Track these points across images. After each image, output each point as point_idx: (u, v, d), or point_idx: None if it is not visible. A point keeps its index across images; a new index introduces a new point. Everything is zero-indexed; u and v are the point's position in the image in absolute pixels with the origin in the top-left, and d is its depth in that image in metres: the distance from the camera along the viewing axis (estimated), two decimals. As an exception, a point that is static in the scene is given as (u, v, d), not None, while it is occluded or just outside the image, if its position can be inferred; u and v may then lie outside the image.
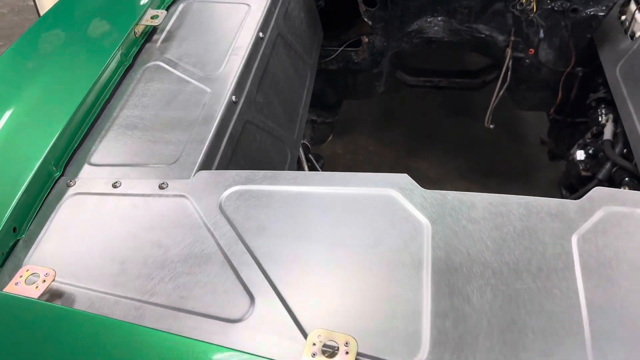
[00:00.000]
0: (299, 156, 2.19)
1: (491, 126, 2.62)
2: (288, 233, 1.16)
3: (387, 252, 1.11)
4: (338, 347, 0.93)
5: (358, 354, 0.94)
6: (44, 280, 1.10)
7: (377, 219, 1.16)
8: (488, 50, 2.68)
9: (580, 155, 2.25)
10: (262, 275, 1.09)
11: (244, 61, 1.69)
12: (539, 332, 0.96)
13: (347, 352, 0.93)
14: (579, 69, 2.47)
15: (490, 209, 1.14)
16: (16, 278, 1.12)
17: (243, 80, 1.66)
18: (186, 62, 1.70)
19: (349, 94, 3.09)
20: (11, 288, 1.10)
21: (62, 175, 1.38)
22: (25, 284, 1.11)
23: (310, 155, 2.45)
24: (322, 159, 2.74)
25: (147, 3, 1.85)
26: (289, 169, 1.95)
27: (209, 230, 1.19)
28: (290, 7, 2.17)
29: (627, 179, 2.01)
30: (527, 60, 2.54)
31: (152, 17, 1.80)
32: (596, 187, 1.16)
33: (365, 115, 4.07)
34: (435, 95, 4.00)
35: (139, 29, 1.77)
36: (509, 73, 2.50)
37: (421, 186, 1.22)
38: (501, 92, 2.50)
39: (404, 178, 1.23)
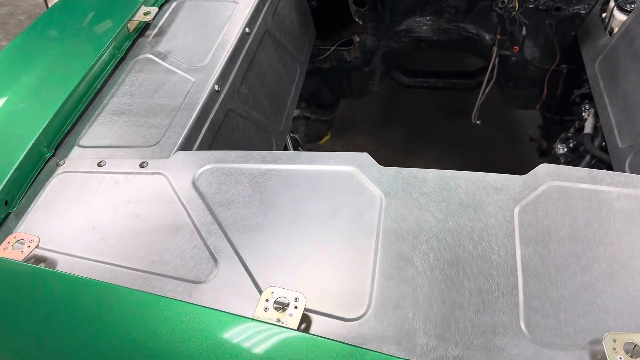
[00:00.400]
0: (286, 148, 2.28)
1: (478, 122, 2.69)
2: (253, 206, 1.25)
3: (342, 222, 1.19)
4: (288, 303, 1.02)
5: (306, 309, 1.02)
6: (29, 246, 1.21)
7: (336, 193, 1.25)
8: (476, 48, 2.75)
9: (561, 149, 2.32)
10: (227, 242, 1.18)
11: (228, 54, 1.79)
12: (476, 292, 1.03)
13: (296, 307, 1.01)
14: (564, 66, 2.53)
15: (441, 183, 1.22)
16: (4, 244, 1.22)
17: (227, 71, 1.76)
18: (174, 55, 1.80)
19: (344, 93, 3.18)
20: (-1, 252, 1.21)
21: (53, 155, 1.48)
22: (12, 249, 1.22)
23: (300, 149, 2.54)
24: (315, 154, 2.82)
25: (141, 0, 1.96)
26: None
27: (182, 204, 1.28)
28: (280, 6, 2.27)
29: (604, 169, 2.06)
30: (513, 58, 2.61)
31: (144, 14, 1.92)
32: (542, 164, 1.23)
33: (364, 115, 4.16)
34: (432, 95, 4.08)
35: (132, 24, 1.89)
36: (495, 70, 2.57)
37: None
38: (487, 89, 2.58)
39: (364, 156, 1.31)
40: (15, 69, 1.71)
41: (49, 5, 4.20)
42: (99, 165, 1.42)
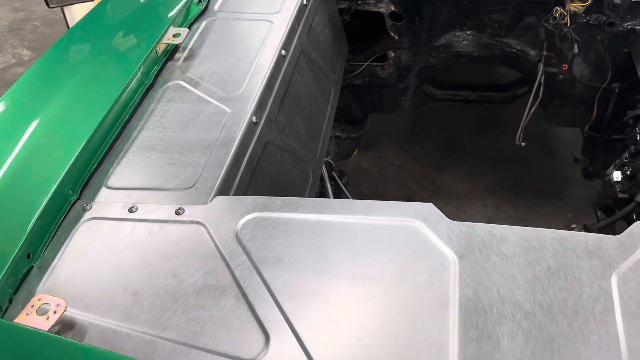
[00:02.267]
0: (321, 175, 2.14)
1: (522, 144, 2.52)
2: (305, 265, 1.11)
3: (410, 288, 1.04)
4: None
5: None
6: (55, 312, 1.07)
7: (400, 251, 1.10)
8: (519, 65, 2.59)
9: (617, 176, 2.15)
10: (278, 311, 1.04)
11: (265, 80, 1.65)
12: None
13: (366, 399, 0.87)
14: (616, 84, 2.37)
15: (523, 243, 1.07)
16: (27, 308, 1.09)
17: (264, 99, 1.62)
18: (207, 82, 1.67)
19: (374, 108, 3.04)
20: (22, 318, 1.07)
21: (78, 198, 1.35)
22: (37, 314, 1.08)
23: (333, 173, 2.40)
24: (346, 176, 2.69)
25: (169, 20, 1.83)
26: (310, 189, 1.90)
27: (224, 260, 1.14)
28: (315, 23, 2.13)
29: None
30: (560, 76, 2.44)
31: (174, 35, 1.78)
32: (638, 222, 1.07)
33: (392, 129, 4.00)
34: (464, 109, 3.92)
35: (161, 47, 1.75)
36: (541, 89, 2.41)
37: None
38: (533, 109, 2.41)
39: (429, 208, 1.16)
40: (35, 100, 1.58)
41: (67, 17, 4.09)
42: (130, 211, 1.29)
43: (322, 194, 2.21)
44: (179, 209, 1.27)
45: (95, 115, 1.48)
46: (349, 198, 2.48)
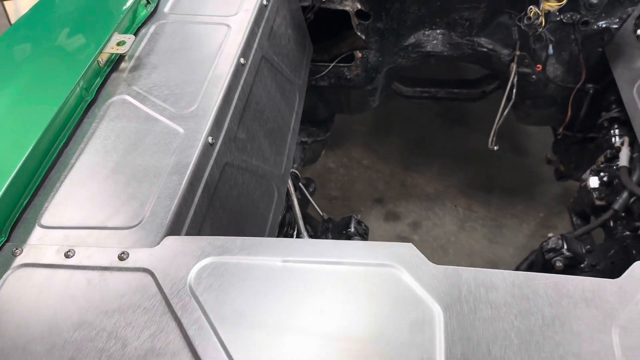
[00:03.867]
0: (287, 189, 1.99)
1: (495, 148, 2.43)
2: (270, 322, 0.97)
3: (389, 347, 0.92)
4: None
5: None
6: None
7: (377, 302, 0.97)
8: (491, 64, 2.49)
9: (594, 182, 2.07)
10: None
11: (222, 93, 1.48)
12: None
13: None
14: (590, 85, 2.29)
15: (514, 291, 0.95)
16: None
17: (221, 116, 1.46)
18: (156, 96, 1.49)
19: (340, 108, 2.90)
20: None
21: (7, 240, 1.18)
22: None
23: (300, 184, 2.25)
24: (314, 184, 2.54)
25: (113, 25, 1.64)
26: (275, 209, 1.76)
27: (175, 317, 0.99)
28: (276, 25, 1.97)
29: None
30: (533, 76, 2.35)
31: (118, 44, 1.59)
32: (637, 262, 0.97)
33: (358, 126, 3.88)
34: (432, 106, 3.82)
35: (104, 57, 1.56)
36: (514, 90, 2.31)
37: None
38: (506, 111, 2.32)
39: (410, 249, 1.03)
40: (-43, 122, 1.38)
41: (7, 10, 3.79)
42: (67, 255, 1.12)
43: (289, 208, 2.07)
44: (123, 253, 1.10)
45: (27, 140, 1.29)
46: (316, 209, 2.34)
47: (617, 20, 2.13)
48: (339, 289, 1.00)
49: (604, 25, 2.15)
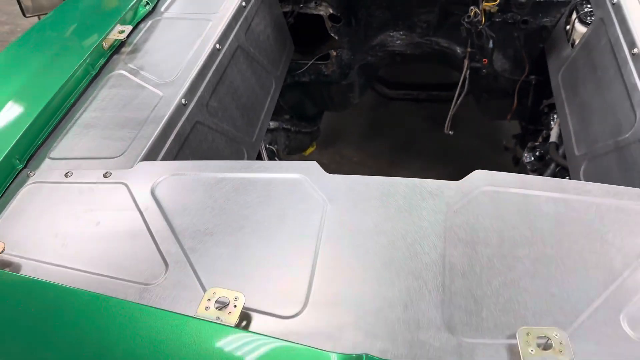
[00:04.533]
0: (260, 158, 2.36)
1: (450, 132, 2.75)
2: (206, 213, 1.32)
3: (287, 227, 1.26)
4: (228, 302, 1.08)
5: (245, 307, 1.09)
6: (-8, 250, 1.29)
7: (284, 200, 1.32)
8: (448, 61, 2.83)
9: (528, 157, 2.38)
10: (178, 247, 1.25)
11: (197, 69, 1.87)
12: (405, 291, 1.10)
13: (235, 306, 1.08)
14: (533, 77, 2.61)
15: (381, 189, 1.29)
16: (-31, 252, 1.30)
17: (195, 86, 1.84)
18: (146, 71, 1.89)
19: (326, 105, 3.27)
20: (-34, 257, 1.28)
21: (24, 167, 1.56)
22: (-22, 254, 1.29)
23: (275, 158, 2.61)
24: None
25: (117, 19, 2.05)
26: None
27: (140, 212, 1.36)
28: (255, 23, 2.36)
29: (567, 177, 2.13)
30: (484, 70, 2.68)
31: (119, 32, 2.01)
32: (477, 170, 1.30)
33: (351, 127, 4.24)
34: (415, 107, 4.15)
35: (108, 42, 1.98)
36: (467, 82, 2.65)
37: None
38: (459, 100, 2.65)
39: (313, 165, 1.38)
40: (-7, 86, 1.81)
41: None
42: (66, 176, 1.50)
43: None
44: (107, 172, 1.48)
45: (43, 98, 1.70)
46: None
47: (552, 18, 2.46)
48: (259, 192, 1.35)
49: (541, 24, 2.48)
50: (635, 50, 1.70)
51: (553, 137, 2.29)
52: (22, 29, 6.57)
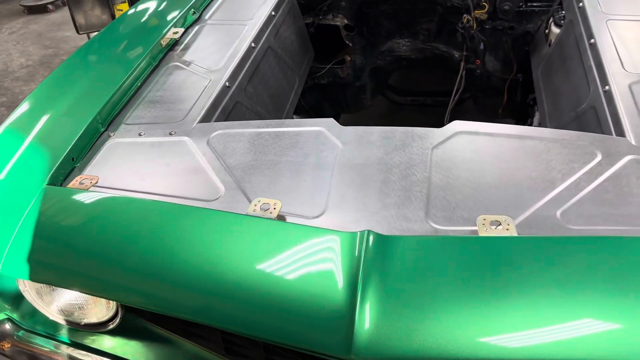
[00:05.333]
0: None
1: (449, 125, 3.15)
2: (249, 155, 1.75)
3: (311, 161, 1.67)
4: (269, 206, 1.49)
5: (281, 212, 1.49)
6: (91, 181, 1.72)
7: (308, 144, 1.74)
8: (448, 64, 3.26)
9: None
10: (230, 176, 1.67)
11: (237, 61, 2.32)
12: (397, 199, 1.50)
13: (274, 208, 1.49)
14: (519, 75, 3.02)
15: (382, 135, 1.71)
16: (72, 183, 1.73)
17: (236, 73, 2.29)
18: (195, 63, 2.34)
19: (341, 107, 3.70)
20: (71, 185, 1.72)
21: (105, 130, 2.01)
22: (79, 184, 1.73)
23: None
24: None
25: (170, 23, 2.53)
26: None
27: (200, 155, 1.78)
28: (282, 29, 2.82)
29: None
30: (478, 71, 3.11)
31: (173, 33, 2.48)
32: (455, 120, 1.71)
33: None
34: (424, 113, 4.57)
35: (165, 41, 2.44)
36: (463, 80, 3.06)
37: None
38: (457, 96, 3.06)
39: (330, 120, 1.80)
40: (78, 73, 2.27)
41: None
42: (139, 135, 1.94)
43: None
44: (172, 131, 1.92)
45: (117, 81, 2.15)
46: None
47: (534, 25, 2.88)
48: (290, 140, 1.77)
49: (526, 29, 2.91)
50: (592, 40, 2.11)
51: (535, 124, 2.69)
52: (65, 52, 7.20)
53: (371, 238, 1.30)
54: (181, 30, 2.51)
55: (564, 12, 2.59)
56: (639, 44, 2.04)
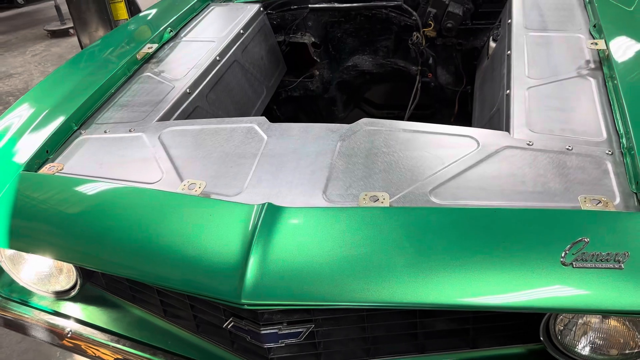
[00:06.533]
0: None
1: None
2: (191, 146, 2.05)
3: (241, 150, 1.97)
4: (195, 186, 1.79)
5: (205, 191, 1.79)
6: (56, 168, 2.04)
7: (239, 138, 2.04)
8: (407, 78, 3.55)
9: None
10: (170, 164, 1.97)
11: (200, 71, 2.65)
12: (302, 183, 1.78)
13: (199, 187, 1.78)
14: (469, 87, 3.29)
15: (302, 129, 2.00)
16: (43, 170, 2.06)
17: (198, 82, 2.61)
18: (165, 73, 2.68)
19: (315, 118, 4.00)
20: (43, 171, 2.04)
21: (78, 128, 2.34)
22: (47, 170, 2.05)
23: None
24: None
25: (146, 40, 2.88)
26: None
27: (150, 148, 2.09)
28: (251, 46, 3.15)
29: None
30: (432, 84, 3.39)
31: (148, 48, 2.83)
32: (363, 118, 1.99)
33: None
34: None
35: (140, 55, 2.79)
36: (418, 93, 3.34)
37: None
38: (412, 107, 3.34)
39: (261, 118, 2.10)
40: (59, 81, 2.63)
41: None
42: (105, 132, 2.26)
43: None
44: (131, 129, 2.24)
45: (92, 88, 2.49)
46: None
47: (481, 42, 3.16)
48: (223, 135, 2.07)
49: (473, 45, 3.19)
50: (508, 52, 2.39)
51: (477, 129, 2.95)
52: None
53: (266, 208, 1.59)
54: (155, 45, 2.85)
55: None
56: (548, 54, 2.31)
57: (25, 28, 11.04)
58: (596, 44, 2.27)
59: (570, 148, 1.75)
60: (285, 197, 1.73)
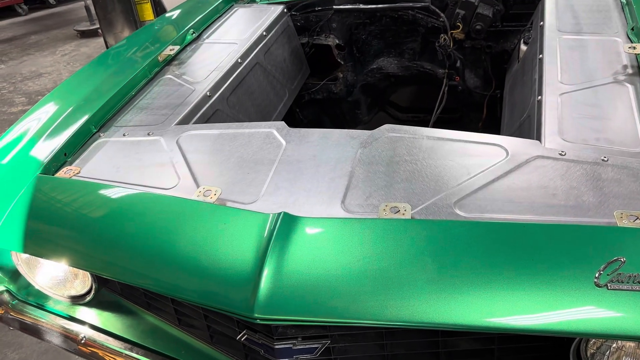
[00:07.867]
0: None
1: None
2: (209, 151, 2.00)
3: (259, 155, 1.91)
4: (211, 193, 1.74)
5: (221, 197, 1.74)
6: (73, 171, 2.02)
7: (258, 143, 1.98)
8: (433, 81, 3.45)
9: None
10: (187, 170, 1.92)
11: (222, 74, 2.61)
12: (320, 191, 1.71)
13: (215, 194, 1.73)
14: (498, 91, 3.18)
15: (322, 135, 1.93)
16: (59, 173, 2.03)
17: (219, 84, 2.57)
18: (186, 76, 2.64)
19: (339, 122, 3.93)
20: (59, 175, 2.02)
21: (97, 131, 2.32)
22: (64, 174, 2.03)
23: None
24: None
25: (168, 42, 2.86)
26: None
27: (168, 152, 2.05)
28: (273, 48, 3.10)
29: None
30: (459, 87, 3.28)
31: (170, 50, 2.80)
32: (386, 124, 1.91)
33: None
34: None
35: (162, 57, 2.76)
36: (445, 96, 3.24)
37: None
38: (438, 111, 3.24)
39: (280, 123, 2.04)
40: (81, 82, 2.62)
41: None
42: (123, 135, 2.23)
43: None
44: (150, 132, 2.20)
45: (113, 90, 2.47)
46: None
47: (511, 44, 3.05)
48: (242, 140, 2.02)
49: (503, 48, 3.08)
50: (540, 55, 2.28)
51: (504, 135, 2.84)
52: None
53: (282, 218, 1.52)
54: (177, 47, 2.82)
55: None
56: (582, 58, 2.20)
57: (56, 28, 11.24)
58: (634, 47, 2.15)
59: (605, 159, 1.64)
60: (302, 206, 1.67)
